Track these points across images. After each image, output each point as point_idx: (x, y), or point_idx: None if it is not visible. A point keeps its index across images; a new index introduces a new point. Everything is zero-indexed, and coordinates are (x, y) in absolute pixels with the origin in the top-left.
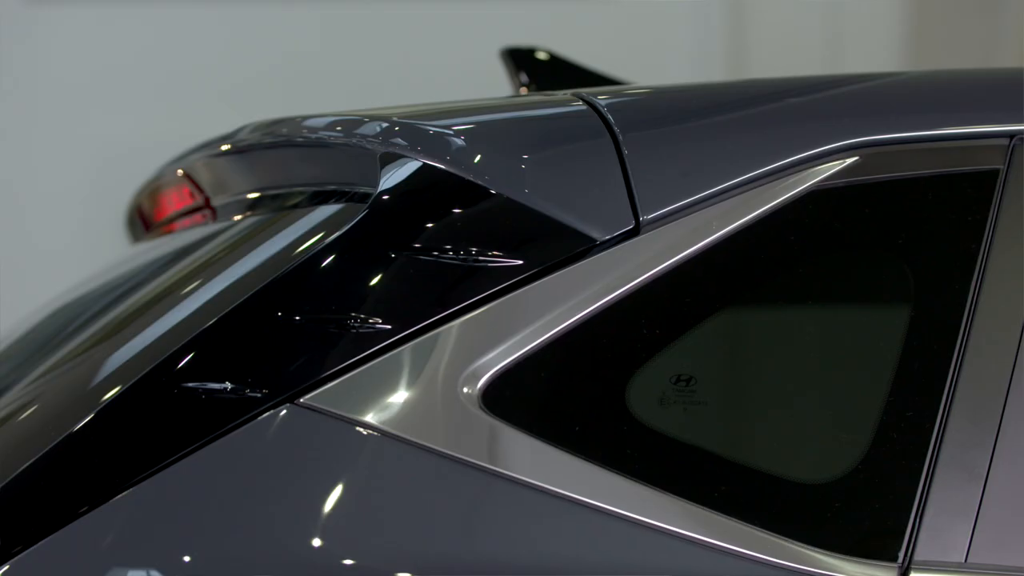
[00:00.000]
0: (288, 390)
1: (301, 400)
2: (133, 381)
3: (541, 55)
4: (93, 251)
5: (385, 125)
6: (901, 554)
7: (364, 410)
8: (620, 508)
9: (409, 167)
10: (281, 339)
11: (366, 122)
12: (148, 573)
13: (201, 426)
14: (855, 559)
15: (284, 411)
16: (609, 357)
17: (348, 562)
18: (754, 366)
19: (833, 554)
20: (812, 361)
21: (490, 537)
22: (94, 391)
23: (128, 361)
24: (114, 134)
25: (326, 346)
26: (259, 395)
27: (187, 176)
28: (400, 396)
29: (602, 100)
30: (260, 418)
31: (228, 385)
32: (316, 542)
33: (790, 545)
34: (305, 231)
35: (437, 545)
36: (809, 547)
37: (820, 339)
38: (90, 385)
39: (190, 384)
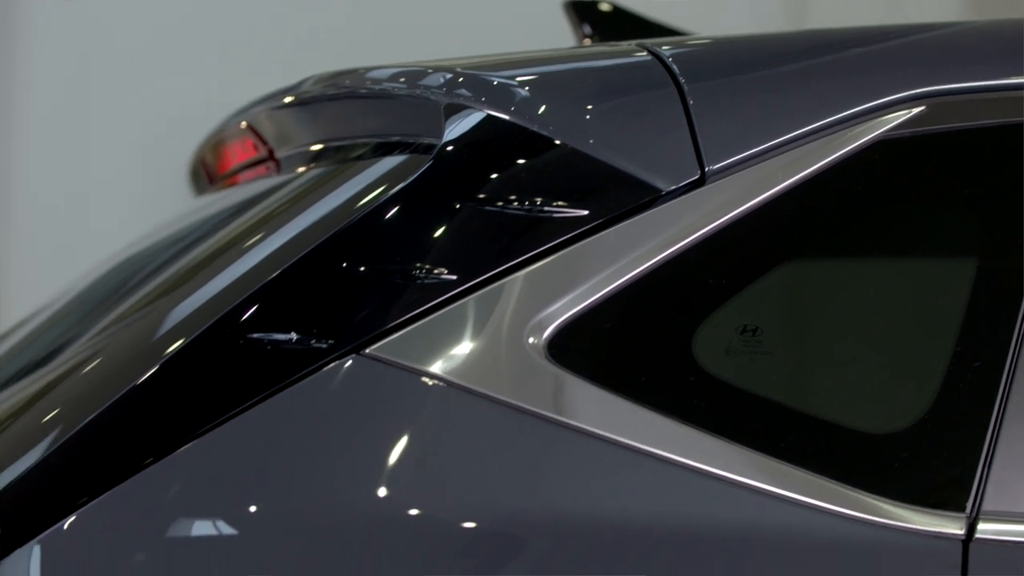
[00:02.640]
0: (354, 341)
1: (367, 351)
2: (198, 333)
3: (604, 6)
4: (156, 205)
5: (449, 76)
6: (969, 504)
7: (430, 360)
8: (687, 458)
9: (473, 118)
10: (346, 290)
11: (430, 73)
12: (214, 524)
13: (266, 377)
14: (923, 509)
15: (350, 362)
16: (675, 307)
17: (413, 512)
18: (820, 317)
19: (901, 504)
20: (878, 312)
21: (556, 487)
22: (158, 343)
23: (193, 313)
24: (176, 92)
25: (391, 297)
26: (324, 346)
27: (250, 128)
28: (466, 346)
29: (666, 51)
30: (325, 369)
31: (293, 336)
32: (381, 492)
33: (857, 495)
34: (369, 182)
35: (503, 495)
36: (877, 497)
37: (886, 289)
38: (154, 337)
39: (255, 335)
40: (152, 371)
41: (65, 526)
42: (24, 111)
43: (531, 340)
